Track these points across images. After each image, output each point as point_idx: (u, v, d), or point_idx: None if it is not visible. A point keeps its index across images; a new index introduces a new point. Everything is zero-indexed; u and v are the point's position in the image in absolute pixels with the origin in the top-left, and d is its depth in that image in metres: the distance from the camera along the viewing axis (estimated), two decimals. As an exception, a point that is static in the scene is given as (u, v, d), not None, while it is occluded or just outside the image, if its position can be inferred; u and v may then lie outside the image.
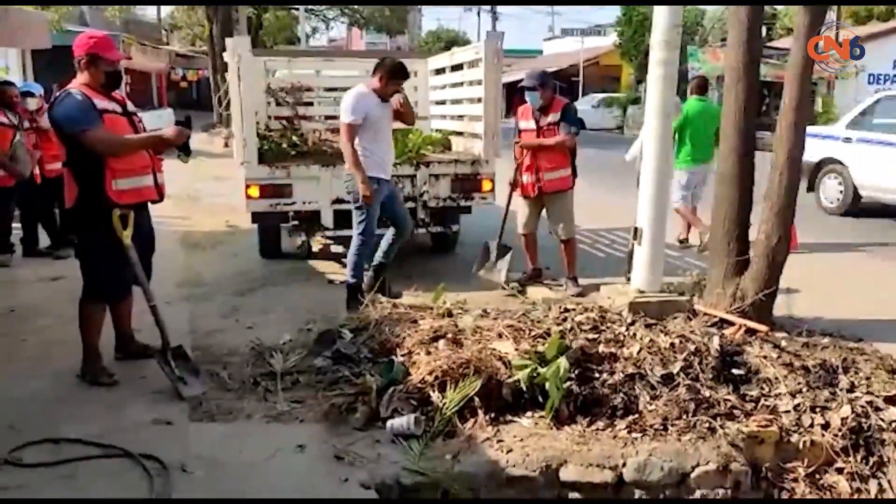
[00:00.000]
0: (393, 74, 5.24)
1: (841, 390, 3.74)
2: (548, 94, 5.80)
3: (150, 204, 4.18)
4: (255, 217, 6.47)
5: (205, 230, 8.46)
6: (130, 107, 4.13)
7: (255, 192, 6.17)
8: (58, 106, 3.85)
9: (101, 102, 3.88)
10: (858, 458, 3.42)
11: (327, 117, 7.99)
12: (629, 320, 4.41)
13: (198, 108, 30.42)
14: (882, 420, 3.54)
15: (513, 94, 5.68)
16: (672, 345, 3.99)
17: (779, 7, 25.51)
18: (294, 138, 7.08)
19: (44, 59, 12.47)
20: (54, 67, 10.08)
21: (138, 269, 3.98)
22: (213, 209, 9.87)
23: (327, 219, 6.28)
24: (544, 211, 6.04)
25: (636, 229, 4.97)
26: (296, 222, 6.46)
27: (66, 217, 4.85)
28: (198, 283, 6.13)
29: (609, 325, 4.34)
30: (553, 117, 5.76)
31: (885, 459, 3.42)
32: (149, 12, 36.41)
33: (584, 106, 27.62)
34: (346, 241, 7.24)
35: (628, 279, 5.21)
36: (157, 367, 3.98)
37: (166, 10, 35.95)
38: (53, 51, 10.14)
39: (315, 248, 6.88)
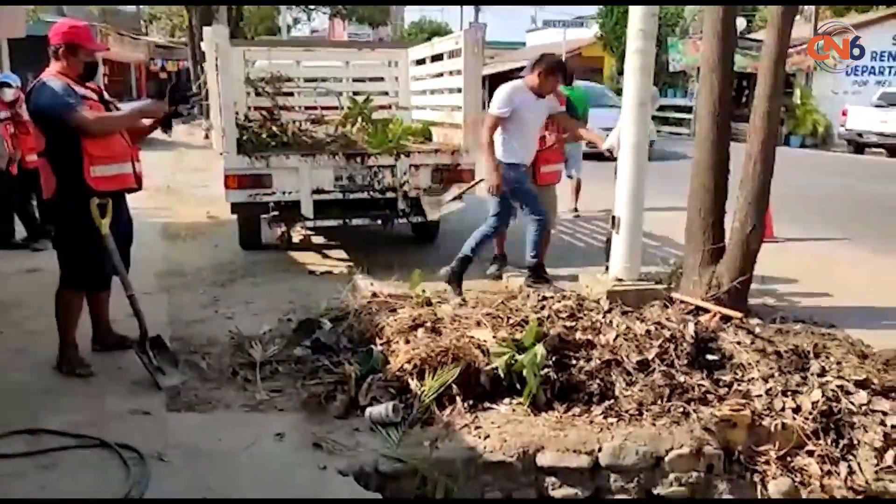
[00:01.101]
0: (550, 71, 5.21)
1: (812, 375, 3.80)
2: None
3: (128, 194, 4.17)
4: (235, 208, 6.45)
5: (185, 221, 8.41)
6: (106, 96, 4.12)
7: (234, 182, 6.14)
8: (37, 95, 3.81)
9: (79, 89, 3.86)
10: (829, 440, 3.47)
11: (307, 108, 7.98)
12: (606, 308, 4.45)
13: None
14: (852, 403, 3.60)
15: (495, 86, 5.68)
16: (648, 332, 4.03)
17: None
18: (274, 129, 7.04)
19: (19, 49, 12.29)
20: (30, 57, 9.94)
21: (116, 258, 3.97)
22: (193, 200, 9.81)
23: (307, 209, 6.26)
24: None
25: (614, 218, 5.01)
26: (276, 213, 6.44)
27: (45, 208, 4.81)
28: (178, 274, 6.11)
29: (586, 312, 4.37)
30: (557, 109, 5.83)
31: (855, 442, 3.48)
32: (127, 3, 35.96)
33: (568, 98, 27.62)
34: (326, 232, 7.27)
35: (607, 268, 5.25)
36: (135, 358, 3.98)
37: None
38: (28, 40, 10.00)
39: (295, 239, 6.88)
